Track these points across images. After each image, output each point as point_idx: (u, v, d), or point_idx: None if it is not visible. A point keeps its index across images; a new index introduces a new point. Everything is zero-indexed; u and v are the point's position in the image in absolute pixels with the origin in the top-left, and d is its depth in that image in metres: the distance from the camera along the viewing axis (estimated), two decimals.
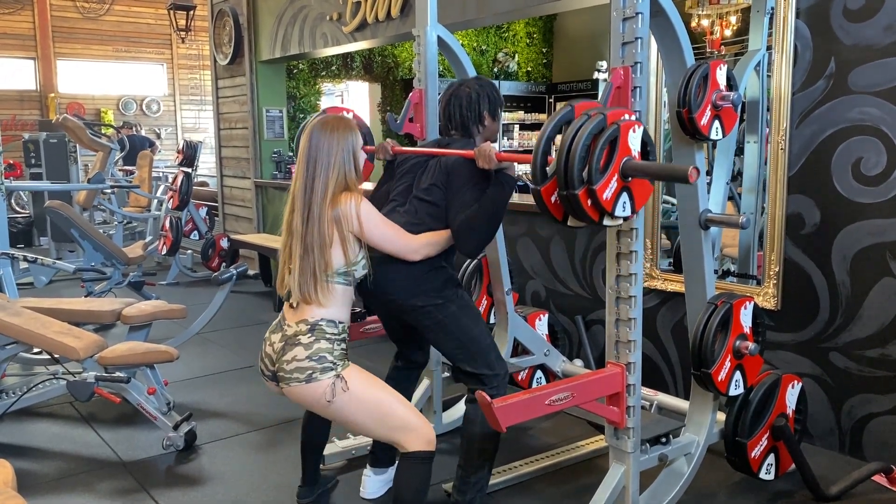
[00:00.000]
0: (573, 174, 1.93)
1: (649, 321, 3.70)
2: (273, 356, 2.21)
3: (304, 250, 2.14)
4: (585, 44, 9.04)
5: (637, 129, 2.03)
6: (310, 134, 2.20)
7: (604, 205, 1.98)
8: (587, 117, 1.97)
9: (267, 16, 6.85)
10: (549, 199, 2.05)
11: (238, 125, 7.48)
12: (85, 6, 13.82)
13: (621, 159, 2.00)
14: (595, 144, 1.94)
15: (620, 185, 2.01)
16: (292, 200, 2.19)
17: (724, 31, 3.74)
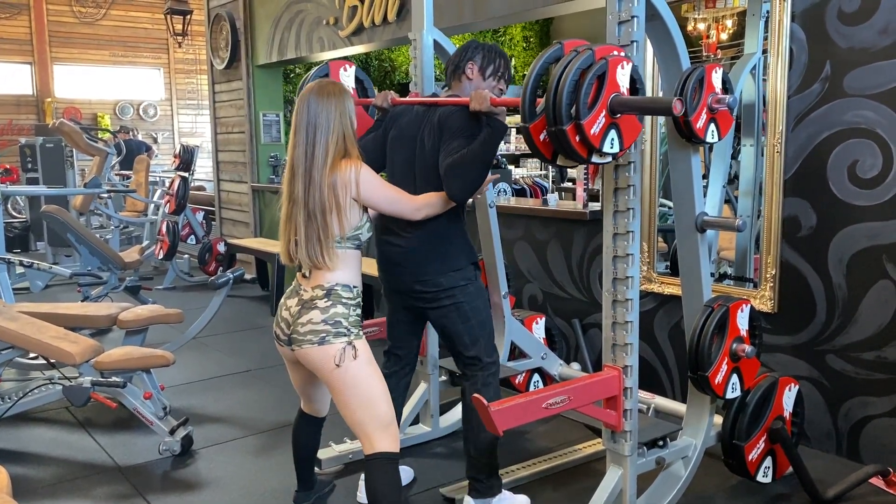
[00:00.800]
0: (561, 110, 1.93)
1: (646, 324, 3.70)
2: (289, 319, 2.22)
3: (308, 217, 2.14)
4: None
5: (626, 65, 2.02)
6: (307, 100, 2.18)
7: (591, 140, 1.97)
8: (576, 53, 1.97)
9: (263, 20, 6.85)
10: (538, 137, 2.05)
11: (235, 129, 7.48)
12: (82, 11, 13.82)
13: (609, 95, 1.99)
14: (583, 80, 1.93)
15: (608, 122, 2.00)
16: (292, 168, 2.18)
17: (720, 34, 3.75)
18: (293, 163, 2.17)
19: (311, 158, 2.15)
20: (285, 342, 2.26)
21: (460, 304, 2.54)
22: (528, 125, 2.03)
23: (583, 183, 4.12)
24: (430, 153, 2.50)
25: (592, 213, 3.92)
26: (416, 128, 2.58)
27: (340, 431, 3.39)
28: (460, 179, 2.34)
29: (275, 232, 7.07)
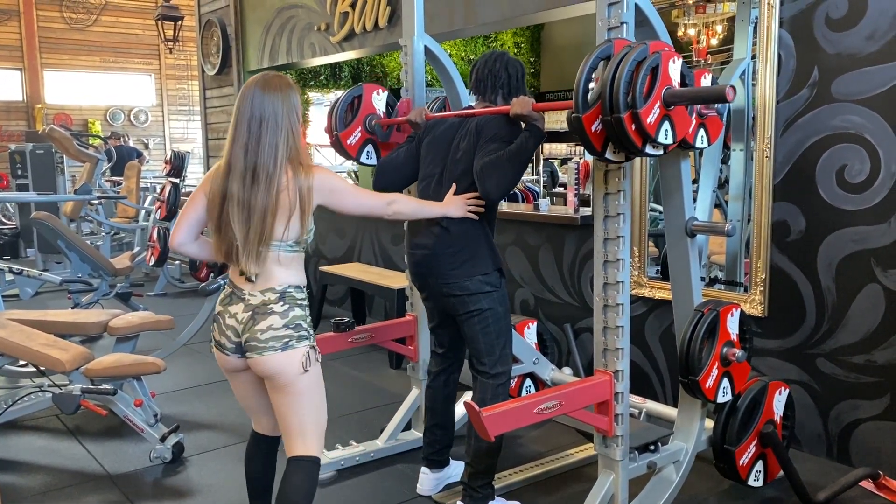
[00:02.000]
0: (618, 99, 1.98)
1: (637, 329, 3.71)
2: (239, 327, 2.07)
3: (252, 217, 1.99)
4: (573, 53, 9.09)
5: (677, 59, 2.08)
6: (251, 93, 2.03)
7: (648, 129, 2.02)
8: (630, 48, 2.03)
9: (255, 26, 6.85)
10: (590, 128, 2.08)
11: (226, 135, 7.46)
12: (72, 17, 13.79)
13: (663, 87, 2.05)
14: (638, 72, 1.99)
15: (662, 112, 2.06)
16: (227, 166, 2.01)
17: (710, 40, 3.77)
18: (231, 160, 2.01)
19: (256, 155, 1.99)
20: (233, 351, 2.11)
21: (483, 312, 2.57)
22: (580, 115, 2.05)
23: (574, 188, 4.13)
24: (462, 157, 2.58)
25: (584, 217, 3.93)
26: (452, 134, 2.67)
27: (331, 437, 3.39)
28: (495, 178, 2.41)
29: None
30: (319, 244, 6.32)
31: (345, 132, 2.99)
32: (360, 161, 3.06)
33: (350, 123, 3.00)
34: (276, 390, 2.11)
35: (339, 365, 4.61)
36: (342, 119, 3.00)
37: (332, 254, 6.13)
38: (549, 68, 9.74)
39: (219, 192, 2.03)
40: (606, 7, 2.19)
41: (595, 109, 2.05)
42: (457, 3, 4.58)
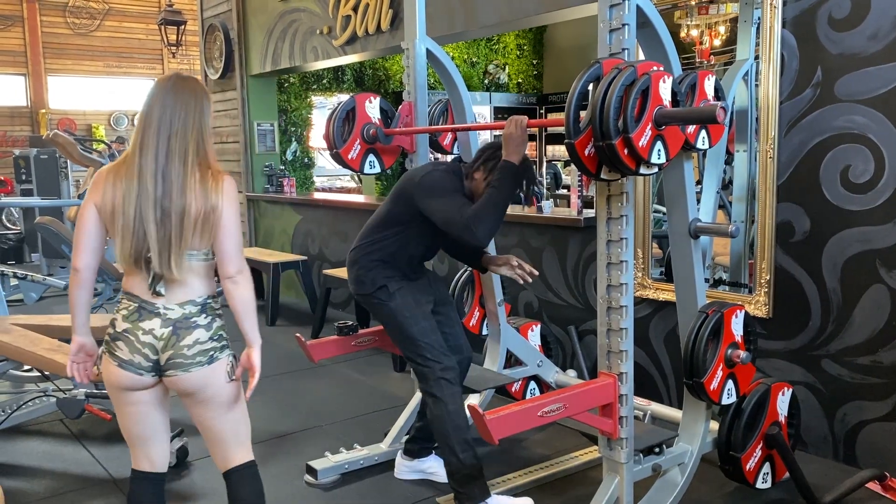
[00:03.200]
0: (609, 124, 2.00)
1: (642, 330, 3.70)
2: (158, 344, 1.94)
3: (164, 218, 1.88)
4: (576, 54, 9.09)
5: (667, 79, 2.08)
6: (163, 93, 1.93)
7: (640, 152, 2.03)
8: (618, 71, 2.03)
9: (257, 30, 6.86)
10: (583, 152, 2.11)
11: (230, 139, 7.48)
12: (76, 22, 13.82)
13: (654, 108, 2.05)
14: (628, 95, 2.01)
15: (654, 133, 2.07)
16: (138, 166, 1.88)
17: (713, 41, 3.76)
18: (141, 161, 1.88)
19: (166, 158, 1.89)
20: (148, 370, 1.97)
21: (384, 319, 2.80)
22: (573, 141, 2.07)
23: (577, 190, 4.13)
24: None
25: (587, 219, 3.92)
26: None
27: (335, 440, 3.39)
28: (487, 225, 2.42)
29: (270, 241, 7.07)
30: (323, 248, 6.32)
31: (344, 148, 3.02)
32: (364, 172, 3.11)
33: (348, 138, 3.02)
34: (201, 405, 2.05)
35: (343, 368, 4.61)
36: (339, 135, 3.01)
37: (335, 257, 6.13)
38: (551, 70, 9.74)
39: (123, 195, 1.89)
40: (608, 9, 2.18)
41: (587, 134, 2.07)
42: (457, 5, 4.58)
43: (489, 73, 9.45)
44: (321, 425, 3.68)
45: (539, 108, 9.68)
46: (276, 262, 5.90)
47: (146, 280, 1.94)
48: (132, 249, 1.91)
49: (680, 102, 2.15)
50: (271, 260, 5.96)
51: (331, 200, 6.26)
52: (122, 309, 1.99)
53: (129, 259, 1.93)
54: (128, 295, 1.99)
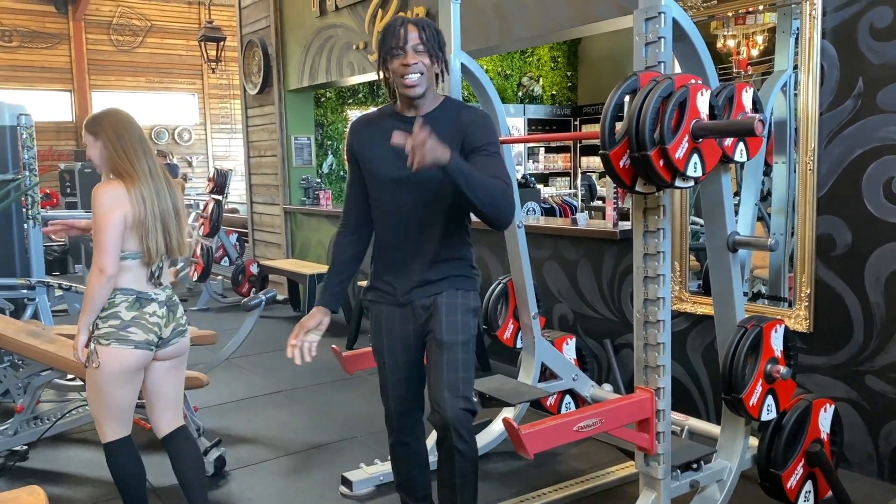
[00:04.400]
0: (645, 136, 2.00)
1: (679, 344, 3.66)
2: (161, 322, 2.44)
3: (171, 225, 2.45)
4: (610, 65, 9.06)
5: (705, 92, 2.08)
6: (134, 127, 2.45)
7: (676, 164, 2.03)
8: (655, 83, 2.03)
9: (295, 46, 6.97)
10: (618, 164, 2.11)
11: (267, 153, 7.60)
12: (119, 39, 14.19)
13: (691, 120, 2.05)
14: (665, 107, 2.00)
15: (691, 146, 2.06)
16: (151, 179, 2.40)
17: (750, 51, 3.72)
18: (142, 177, 2.37)
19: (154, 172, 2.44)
20: (156, 346, 2.44)
21: None
22: (608, 152, 2.07)
23: (613, 202, 4.11)
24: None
25: (623, 232, 3.90)
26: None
27: (370, 452, 3.40)
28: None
29: (306, 253, 7.15)
30: None
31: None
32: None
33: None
34: (177, 368, 2.58)
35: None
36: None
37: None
38: (585, 82, 9.72)
39: (147, 201, 2.37)
40: (644, 22, 2.18)
41: (622, 145, 2.06)
42: (492, 20, 4.60)
43: (523, 85, 9.47)
44: (357, 436, 3.70)
45: (573, 119, 9.66)
46: (312, 274, 5.96)
47: (145, 273, 2.42)
48: (160, 244, 2.41)
49: (717, 115, 2.14)
50: (307, 272, 6.02)
51: None
52: (119, 303, 2.38)
53: (156, 254, 2.40)
54: (122, 290, 2.38)
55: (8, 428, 3.37)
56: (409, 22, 2.14)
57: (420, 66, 2.12)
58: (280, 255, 7.45)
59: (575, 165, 9.27)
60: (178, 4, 14.55)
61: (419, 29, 2.13)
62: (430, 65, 2.15)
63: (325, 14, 6.42)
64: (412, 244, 2.25)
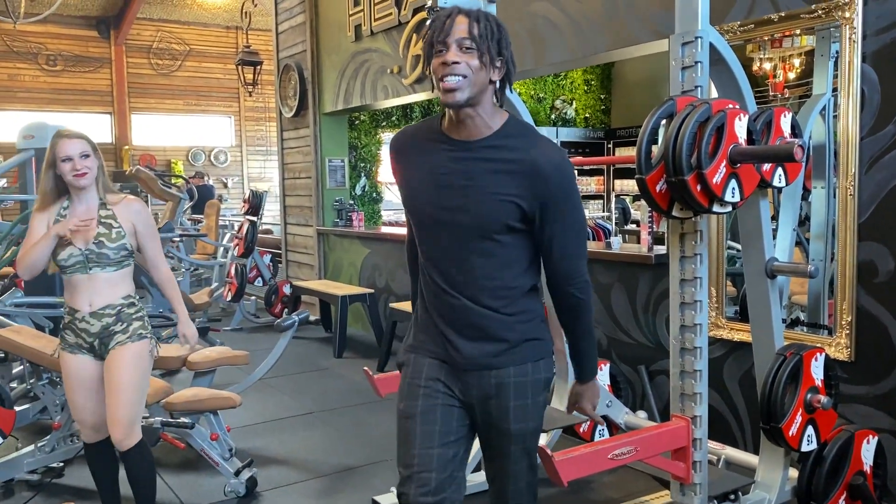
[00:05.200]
0: (682, 160, 1.99)
1: (715, 372, 3.59)
2: None
3: None
4: (644, 89, 9.02)
5: (742, 117, 2.06)
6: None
7: (714, 189, 2.02)
8: (692, 107, 2.03)
9: (330, 70, 7.07)
10: (655, 188, 2.10)
11: (302, 175, 7.68)
12: (159, 63, 14.52)
13: (729, 145, 2.04)
14: (702, 132, 2.00)
15: (729, 171, 2.05)
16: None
17: (787, 74, 3.69)
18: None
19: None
20: None
21: None
22: (644, 177, 2.07)
23: (647, 226, 4.07)
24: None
25: (658, 256, 3.86)
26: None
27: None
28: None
29: (338, 274, 7.19)
30: (389, 281, 6.39)
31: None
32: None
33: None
34: None
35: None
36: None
37: (401, 290, 6.18)
38: (619, 105, 9.69)
39: None
40: (680, 47, 2.17)
41: (659, 170, 2.05)
42: (526, 44, 4.62)
43: (556, 108, 9.47)
44: (387, 459, 3.69)
45: (607, 142, 9.63)
46: (343, 295, 5.98)
47: None
48: None
49: (755, 140, 2.11)
50: (339, 293, 6.05)
51: (398, 234, 6.34)
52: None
53: None
54: None
55: (45, 445, 3.41)
56: (461, 11, 1.67)
57: (463, 68, 1.63)
58: (312, 276, 7.50)
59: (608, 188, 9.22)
60: (217, 29, 14.87)
61: (471, 20, 1.65)
62: (480, 67, 1.65)
63: (361, 39, 6.51)
64: (462, 292, 1.78)
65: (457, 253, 1.76)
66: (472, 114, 1.70)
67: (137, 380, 2.65)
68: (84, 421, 2.72)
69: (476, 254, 1.75)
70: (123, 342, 2.64)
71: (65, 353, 2.67)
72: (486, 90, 1.69)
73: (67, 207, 2.67)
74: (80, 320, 2.63)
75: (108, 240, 2.61)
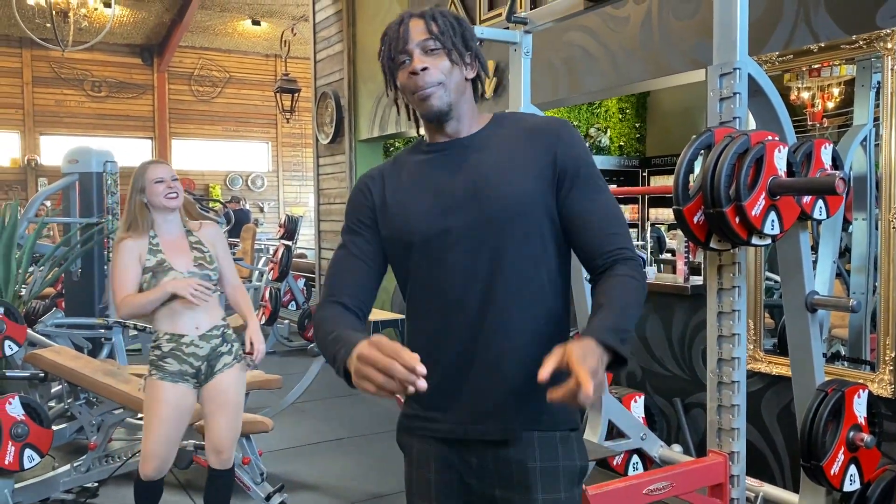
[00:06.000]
0: (720, 192, 1.97)
1: (753, 406, 3.52)
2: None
3: None
4: (680, 117, 8.98)
5: (782, 149, 2.03)
6: None
7: (753, 221, 1.99)
8: (731, 139, 2.01)
9: (367, 98, 7.16)
10: (692, 220, 2.08)
11: (337, 200, 7.76)
12: (199, 90, 14.86)
13: (768, 177, 2.01)
14: (741, 163, 1.98)
15: (768, 203, 2.02)
16: None
17: (825, 103, 3.64)
18: None
19: None
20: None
21: None
22: (682, 208, 2.05)
23: (683, 256, 4.03)
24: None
25: (694, 287, 3.81)
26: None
27: None
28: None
29: None
30: None
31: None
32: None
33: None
34: None
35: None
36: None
37: None
38: (654, 133, 9.65)
39: None
40: (718, 78, 2.16)
41: (696, 201, 2.04)
42: (562, 73, 4.64)
43: (590, 136, 9.47)
44: None
45: (642, 171, 9.59)
46: (375, 321, 6.00)
47: None
48: None
49: (795, 172, 2.09)
50: (371, 318, 6.06)
51: None
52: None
53: None
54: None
55: (81, 465, 3.46)
56: (412, 15, 1.46)
57: (435, 73, 1.41)
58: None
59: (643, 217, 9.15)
60: (256, 57, 15.18)
61: (426, 19, 1.43)
62: (451, 67, 1.42)
63: None
64: (472, 338, 1.41)
65: (476, 274, 1.40)
66: (455, 115, 1.45)
67: (242, 399, 2.75)
68: (160, 455, 2.67)
69: (503, 272, 1.39)
70: (230, 363, 2.70)
71: (163, 383, 2.62)
72: (465, 91, 1.47)
73: (155, 237, 2.72)
74: (186, 345, 2.64)
75: (206, 263, 2.70)
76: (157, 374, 2.64)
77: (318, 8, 7.91)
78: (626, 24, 4.17)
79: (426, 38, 1.41)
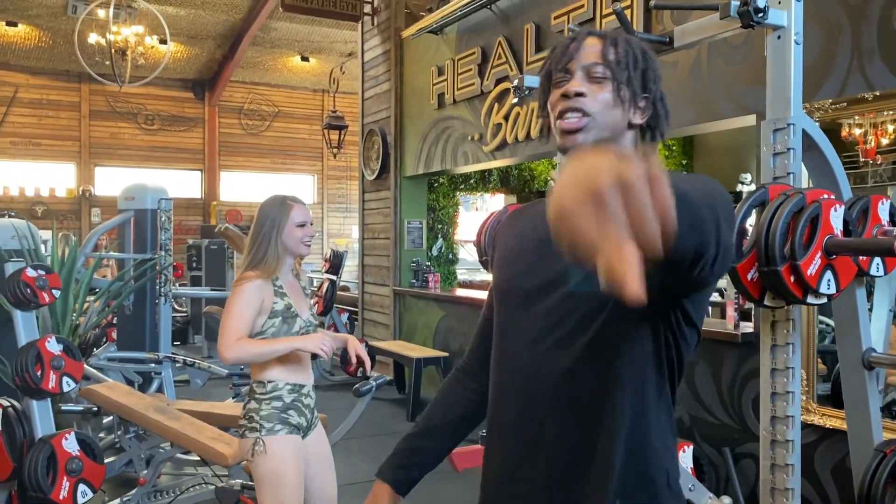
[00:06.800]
0: (775, 251, 1.95)
1: (806, 459, 3.42)
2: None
3: None
4: (727, 156, 8.89)
5: (838, 208, 2.01)
6: None
7: (808, 281, 1.97)
8: (785, 196, 2.00)
9: (413, 136, 7.26)
10: (746, 277, 2.06)
11: (381, 235, 7.84)
12: (248, 123, 15.22)
13: (824, 236, 1.99)
14: (796, 222, 1.96)
15: (824, 262, 2.00)
16: None
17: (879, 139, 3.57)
18: None
19: None
20: None
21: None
22: (735, 265, 2.05)
23: (734, 302, 3.97)
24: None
25: (745, 335, 3.74)
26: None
27: None
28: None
29: (412, 335, 7.24)
30: (464, 345, 6.35)
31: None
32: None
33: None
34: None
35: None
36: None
37: None
38: (702, 171, 9.55)
39: None
40: (772, 133, 2.15)
41: (750, 258, 2.02)
42: None
43: None
44: None
45: None
46: (418, 358, 6.01)
47: None
48: None
49: (852, 230, 2.06)
50: (414, 355, 6.08)
51: (474, 298, 6.35)
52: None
53: None
54: None
55: (130, 500, 3.52)
56: (592, 33, 1.23)
57: (589, 102, 1.17)
58: (387, 336, 7.57)
59: None
60: (304, 92, 15.51)
61: (605, 43, 1.20)
62: (613, 104, 1.18)
63: (444, 106, 6.69)
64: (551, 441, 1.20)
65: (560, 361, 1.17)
66: None
67: None
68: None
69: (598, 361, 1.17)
70: (318, 415, 2.65)
71: (291, 438, 2.42)
72: (623, 136, 1.20)
73: (278, 279, 2.48)
74: (306, 395, 2.52)
75: (313, 310, 2.66)
76: (283, 428, 2.40)
77: (366, 48, 8.08)
78: (675, 68, 4.18)
79: (596, 63, 1.18)
